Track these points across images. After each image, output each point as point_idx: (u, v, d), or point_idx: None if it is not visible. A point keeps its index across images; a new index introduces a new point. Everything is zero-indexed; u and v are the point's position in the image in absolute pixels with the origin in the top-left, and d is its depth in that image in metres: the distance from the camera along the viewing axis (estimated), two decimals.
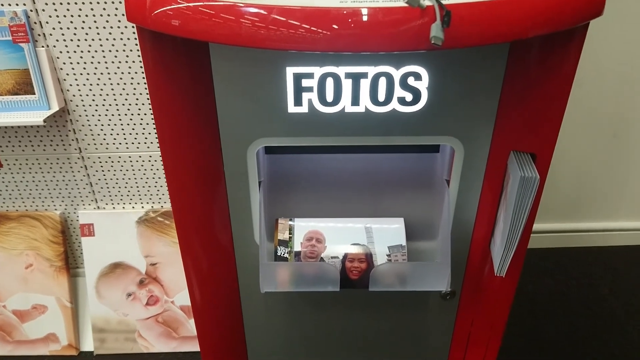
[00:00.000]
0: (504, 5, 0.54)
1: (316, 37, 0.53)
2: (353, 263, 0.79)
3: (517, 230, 0.72)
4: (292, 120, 0.69)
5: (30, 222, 1.35)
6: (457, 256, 0.83)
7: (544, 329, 1.46)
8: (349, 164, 0.88)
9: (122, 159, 1.28)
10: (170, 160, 0.74)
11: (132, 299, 1.38)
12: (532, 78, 0.66)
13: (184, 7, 0.56)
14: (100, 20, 1.10)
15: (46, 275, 1.37)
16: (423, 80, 0.65)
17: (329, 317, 0.94)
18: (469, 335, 0.94)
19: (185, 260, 0.83)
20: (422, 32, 0.52)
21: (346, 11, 0.53)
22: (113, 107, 1.21)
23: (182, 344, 1.41)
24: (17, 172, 1.30)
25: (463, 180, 0.76)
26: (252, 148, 0.73)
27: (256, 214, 0.80)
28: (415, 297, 0.91)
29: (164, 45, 0.64)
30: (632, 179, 1.69)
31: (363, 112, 0.68)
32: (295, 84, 0.66)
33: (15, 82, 1.13)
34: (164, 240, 1.34)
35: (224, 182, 0.77)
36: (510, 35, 0.55)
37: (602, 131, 1.59)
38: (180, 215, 0.79)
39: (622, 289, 1.60)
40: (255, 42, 0.55)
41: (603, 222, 1.77)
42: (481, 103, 0.69)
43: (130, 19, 0.60)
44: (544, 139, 0.71)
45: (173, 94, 0.68)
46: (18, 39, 1.10)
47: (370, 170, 0.87)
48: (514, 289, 0.86)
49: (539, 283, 1.63)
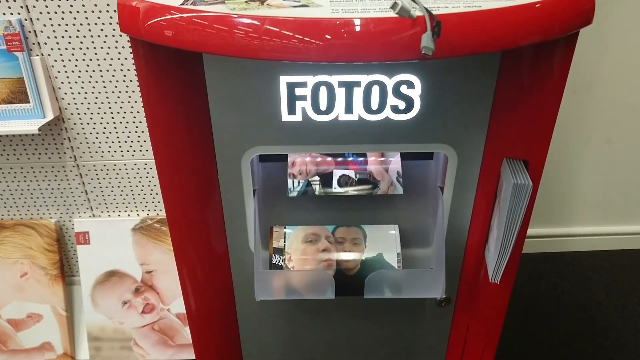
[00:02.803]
0: (494, 15, 0.54)
1: (309, 47, 0.54)
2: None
3: (510, 237, 0.73)
4: (286, 128, 0.70)
5: (25, 230, 1.34)
6: (451, 263, 0.83)
7: (540, 334, 1.46)
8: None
9: (117, 167, 1.28)
10: (164, 169, 0.74)
11: (128, 307, 1.37)
12: (524, 86, 0.67)
13: (177, 17, 0.56)
14: (95, 29, 1.10)
15: (41, 283, 1.36)
16: (416, 88, 0.66)
17: (325, 324, 0.94)
18: (465, 341, 0.94)
19: (180, 268, 0.83)
20: (413, 43, 0.52)
21: (338, 22, 0.53)
22: (108, 115, 1.21)
23: (178, 351, 1.41)
24: (12, 180, 1.30)
25: (457, 188, 0.77)
26: (246, 156, 0.74)
27: (251, 222, 0.80)
28: (411, 304, 0.91)
29: (157, 55, 0.64)
30: (626, 184, 1.70)
31: (356, 120, 0.68)
32: (289, 92, 0.66)
33: (10, 91, 1.13)
34: (160, 247, 1.34)
35: (219, 191, 0.78)
36: (501, 45, 0.56)
37: (595, 137, 1.60)
38: (175, 224, 0.79)
39: (617, 294, 1.60)
40: (248, 53, 0.55)
41: (598, 227, 1.78)
42: (474, 111, 0.69)
43: (123, 29, 0.60)
44: (537, 145, 0.71)
45: (167, 104, 0.68)
46: (12, 48, 1.10)
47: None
48: (509, 295, 0.86)
49: (534, 288, 1.63)
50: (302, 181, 0.79)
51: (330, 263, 0.80)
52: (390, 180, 0.80)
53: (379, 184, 0.80)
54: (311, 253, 0.80)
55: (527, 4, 0.56)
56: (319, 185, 0.79)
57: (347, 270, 0.79)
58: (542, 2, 0.56)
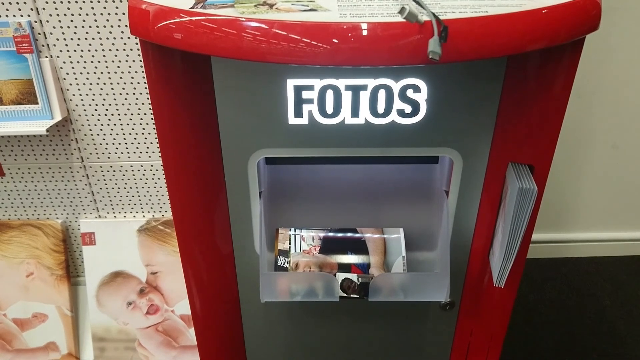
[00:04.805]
0: (500, 20, 0.55)
1: (316, 51, 0.54)
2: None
3: (515, 241, 0.73)
4: (292, 131, 0.70)
5: (32, 230, 1.35)
6: (456, 267, 0.84)
7: (544, 340, 1.46)
8: (348, 175, 0.88)
9: (124, 168, 1.29)
10: (171, 171, 0.75)
11: (133, 307, 1.38)
12: (530, 90, 0.67)
13: (187, 21, 0.57)
14: (104, 31, 1.11)
15: (47, 283, 1.37)
16: (422, 92, 0.66)
17: (329, 327, 0.94)
18: (469, 345, 0.94)
19: (186, 269, 0.84)
20: (420, 47, 0.53)
21: (346, 26, 0.54)
22: (115, 117, 1.22)
23: (182, 353, 1.41)
24: (19, 180, 1.31)
25: (462, 192, 0.77)
26: (253, 159, 0.74)
27: (256, 224, 0.80)
28: (415, 308, 0.91)
29: (166, 58, 0.65)
30: (632, 189, 1.69)
31: (363, 123, 0.68)
32: (296, 96, 0.66)
33: (19, 92, 1.15)
34: (165, 249, 1.34)
35: (225, 192, 0.78)
36: (507, 50, 0.56)
37: (601, 142, 1.60)
38: (181, 225, 0.80)
39: (622, 300, 1.60)
40: (256, 56, 0.56)
41: (604, 232, 1.77)
42: (479, 115, 0.70)
43: (133, 32, 0.61)
44: (542, 150, 0.71)
45: (175, 106, 0.69)
46: (22, 50, 1.11)
47: (370, 181, 0.88)
48: (513, 299, 0.86)
49: (539, 293, 1.63)
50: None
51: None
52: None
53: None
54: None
55: (534, 10, 0.56)
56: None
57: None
58: (548, 8, 0.56)
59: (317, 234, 0.82)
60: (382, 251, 0.81)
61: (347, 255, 0.81)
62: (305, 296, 0.80)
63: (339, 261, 0.80)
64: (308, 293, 0.80)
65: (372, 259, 0.80)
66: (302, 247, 0.81)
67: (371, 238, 0.82)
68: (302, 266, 0.80)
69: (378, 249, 0.81)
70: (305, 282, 0.80)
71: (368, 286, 0.78)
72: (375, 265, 0.80)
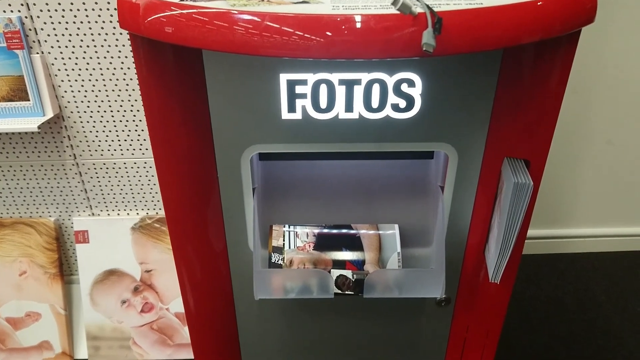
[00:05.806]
0: (495, 12, 0.54)
1: (309, 44, 0.53)
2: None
3: (511, 237, 0.72)
4: (286, 126, 0.69)
5: (25, 228, 1.34)
6: (451, 262, 0.83)
7: (540, 335, 1.46)
8: (343, 171, 0.88)
9: (117, 166, 1.27)
10: (163, 167, 0.74)
11: (127, 306, 1.37)
12: (525, 84, 0.67)
13: (177, 14, 0.56)
14: (95, 27, 1.10)
15: (40, 282, 1.36)
16: (416, 87, 0.65)
17: (324, 323, 0.93)
18: (465, 341, 0.94)
19: (179, 267, 0.83)
20: (414, 39, 0.52)
21: (339, 18, 0.53)
22: (108, 114, 1.20)
23: (177, 351, 1.40)
24: (11, 178, 1.29)
25: (457, 187, 0.77)
26: (246, 154, 0.73)
27: (250, 221, 0.80)
28: (410, 304, 0.91)
29: (157, 52, 0.64)
30: (628, 185, 1.69)
31: (357, 118, 0.68)
32: (289, 90, 0.66)
33: (10, 89, 1.13)
34: (159, 247, 1.33)
35: (218, 189, 0.77)
36: (502, 43, 0.56)
37: (596, 137, 1.60)
38: (174, 222, 0.79)
39: (618, 296, 1.60)
40: (248, 49, 0.55)
41: (599, 228, 1.77)
42: (475, 110, 0.69)
43: (123, 26, 0.60)
44: (538, 145, 0.71)
45: (166, 101, 0.68)
46: (13, 46, 1.10)
47: (365, 177, 0.87)
48: (509, 295, 0.86)
49: (535, 289, 1.63)
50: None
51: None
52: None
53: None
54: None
55: (529, 2, 0.55)
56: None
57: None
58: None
59: (312, 231, 0.81)
60: (377, 247, 0.80)
61: (342, 251, 0.80)
62: (300, 293, 0.79)
63: (334, 258, 0.80)
64: (302, 290, 0.79)
65: (367, 255, 0.80)
66: (296, 243, 0.81)
67: (366, 234, 0.81)
68: (296, 263, 0.79)
69: (373, 245, 0.80)
70: (300, 279, 0.79)
71: (363, 283, 0.78)
72: (370, 261, 0.80)
